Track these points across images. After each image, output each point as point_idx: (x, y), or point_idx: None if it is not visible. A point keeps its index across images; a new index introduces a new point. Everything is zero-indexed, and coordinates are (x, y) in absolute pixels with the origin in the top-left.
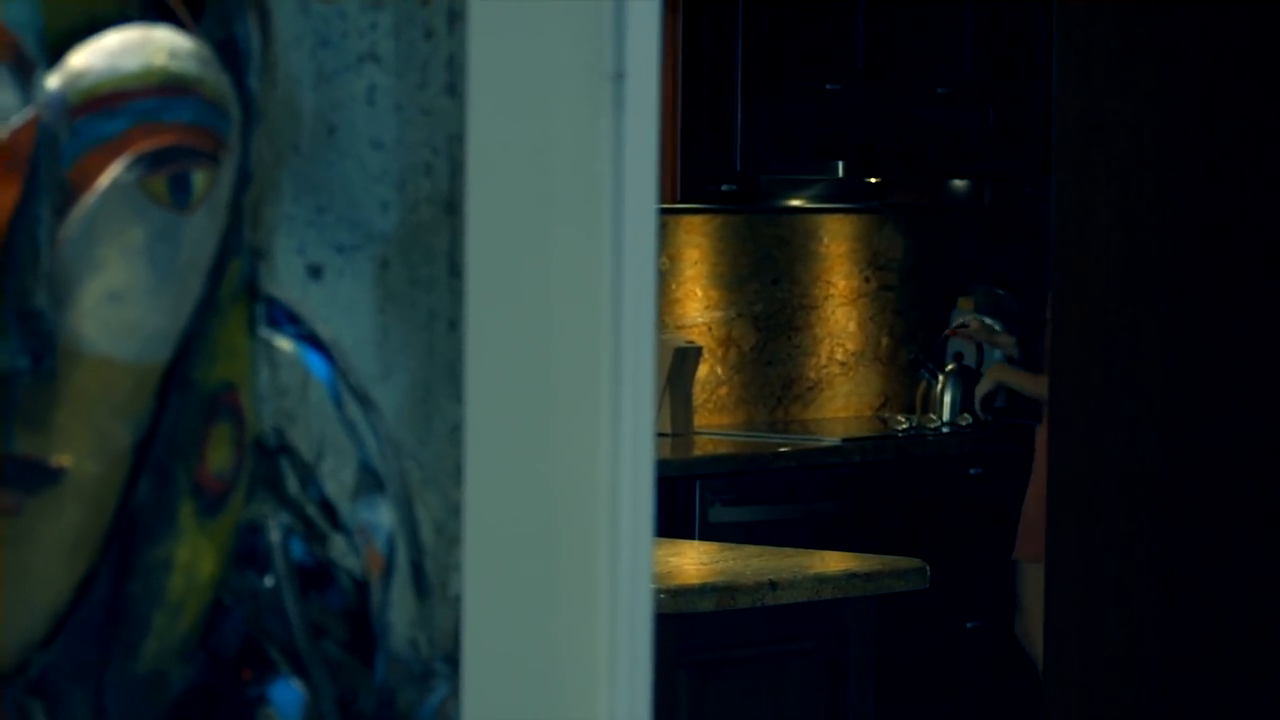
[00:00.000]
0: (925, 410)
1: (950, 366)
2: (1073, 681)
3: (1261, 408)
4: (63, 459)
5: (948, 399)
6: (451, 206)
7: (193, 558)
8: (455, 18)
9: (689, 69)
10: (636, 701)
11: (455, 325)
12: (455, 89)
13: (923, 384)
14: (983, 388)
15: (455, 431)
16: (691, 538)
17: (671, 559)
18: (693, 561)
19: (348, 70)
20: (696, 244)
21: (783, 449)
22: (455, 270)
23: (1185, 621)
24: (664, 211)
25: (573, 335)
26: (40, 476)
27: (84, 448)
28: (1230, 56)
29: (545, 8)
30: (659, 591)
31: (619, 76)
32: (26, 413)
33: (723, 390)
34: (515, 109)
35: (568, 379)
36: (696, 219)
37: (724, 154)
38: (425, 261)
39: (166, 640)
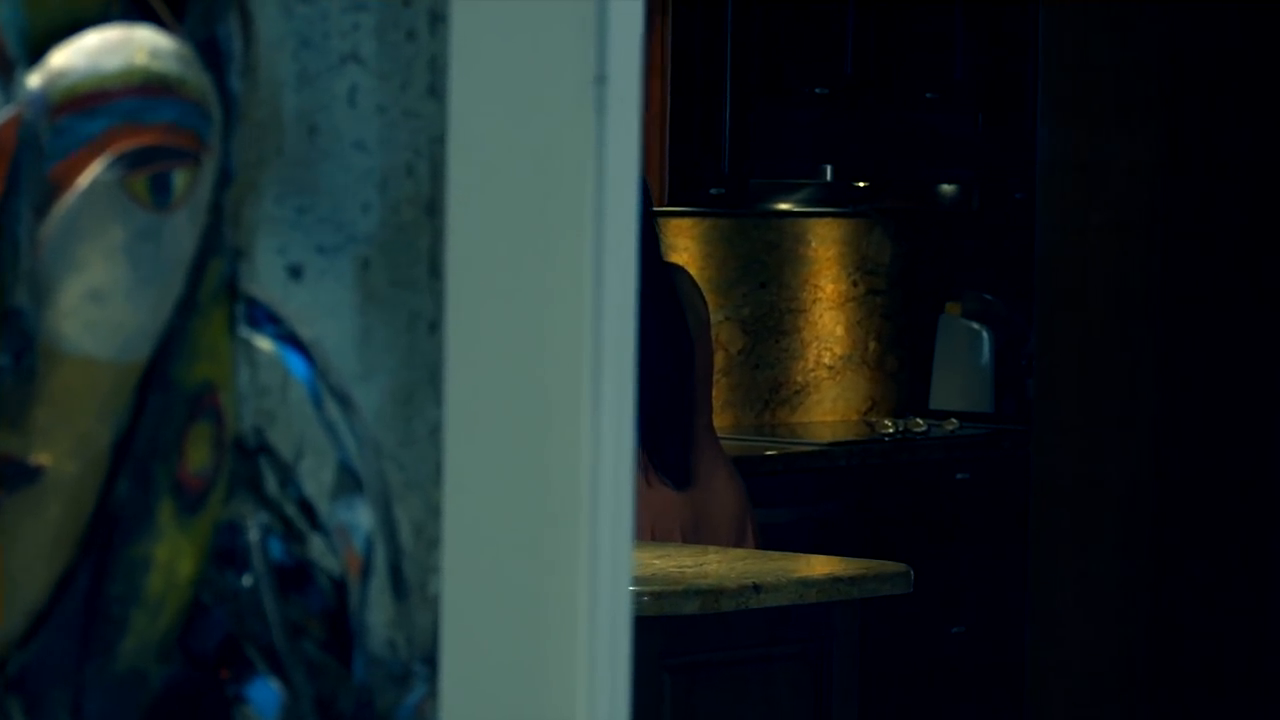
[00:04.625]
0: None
1: None
2: (1054, 695)
3: (1253, 425)
4: (42, 457)
5: None
6: (433, 208)
7: (172, 557)
8: (437, 19)
9: (678, 72)
10: (616, 703)
11: (436, 327)
12: (437, 91)
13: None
14: None
15: (435, 433)
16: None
17: (656, 561)
18: (677, 564)
19: (330, 71)
20: (685, 247)
21: (769, 452)
22: (436, 272)
23: (1168, 639)
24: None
25: (553, 338)
26: (19, 475)
27: (63, 446)
28: (1219, 69)
29: (527, 11)
30: (643, 594)
31: (601, 80)
32: (5, 411)
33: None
34: (497, 111)
35: (548, 381)
36: (685, 222)
37: (712, 157)
38: (407, 263)
39: (145, 639)
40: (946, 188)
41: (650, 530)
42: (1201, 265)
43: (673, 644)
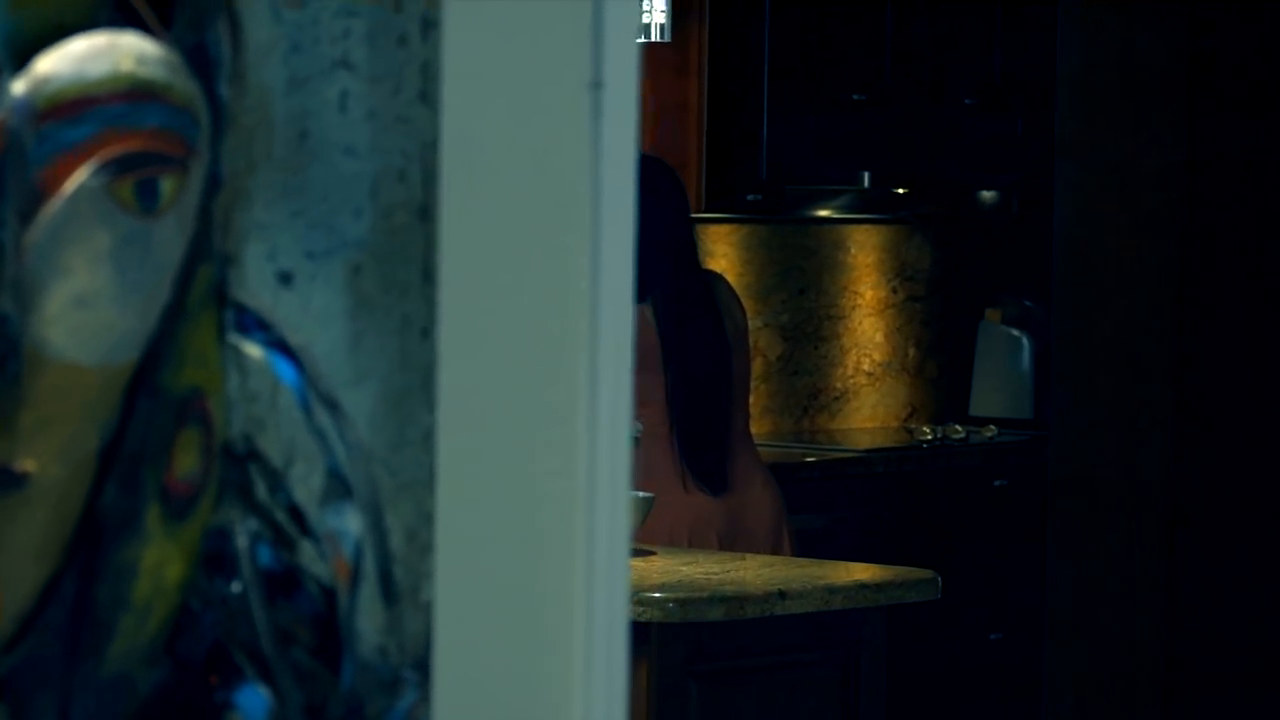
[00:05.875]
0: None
1: None
2: (1071, 697)
3: (1272, 425)
4: (28, 463)
5: None
6: (425, 213)
7: (160, 562)
8: (429, 25)
9: (715, 77)
10: (613, 710)
11: (428, 332)
12: (429, 96)
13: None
14: None
15: (428, 438)
16: None
17: (683, 568)
18: (704, 571)
19: (320, 77)
20: (723, 254)
21: (808, 459)
22: (429, 277)
23: (1185, 640)
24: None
25: (548, 344)
26: (5, 480)
27: (49, 452)
28: (1239, 68)
29: (521, 16)
30: (669, 601)
31: (597, 85)
32: None
33: (749, 400)
34: (491, 117)
35: (543, 386)
36: (722, 229)
37: (750, 164)
38: (398, 268)
39: (132, 644)
40: (986, 193)
41: (687, 537)
42: (1220, 265)
43: (699, 651)
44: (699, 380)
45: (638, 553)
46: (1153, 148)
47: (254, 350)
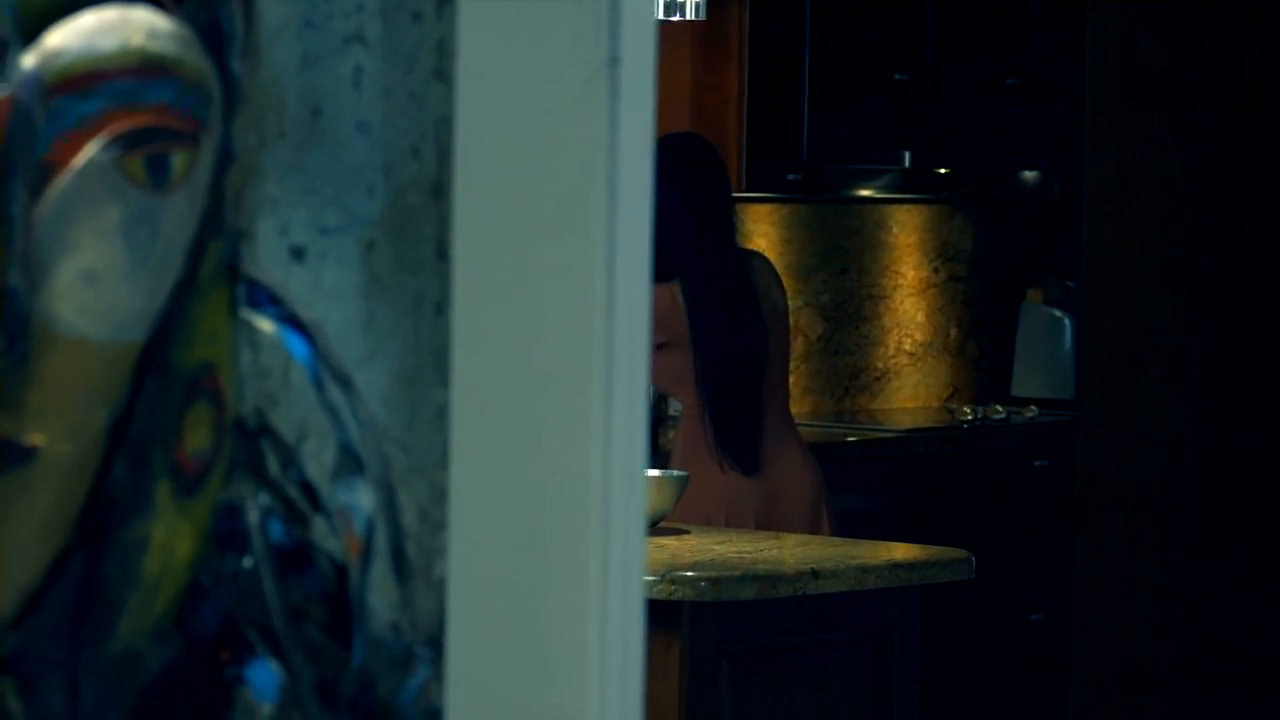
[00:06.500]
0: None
1: None
2: (1096, 692)
3: (1269, 419)
4: (36, 438)
5: None
6: (439, 190)
7: (169, 538)
8: (444, 1)
9: (756, 57)
10: (628, 689)
11: (442, 309)
12: (444, 73)
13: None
14: None
15: (441, 416)
16: None
17: (716, 547)
18: (737, 549)
19: (334, 53)
20: (764, 233)
21: (849, 439)
22: (442, 254)
23: (1210, 637)
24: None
25: (563, 321)
26: (13, 456)
27: (58, 428)
28: (1263, 57)
29: None
30: (701, 579)
31: (614, 62)
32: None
33: (789, 379)
34: (506, 94)
35: (558, 365)
36: (763, 208)
37: (790, 144)
38: (412, 245)
39: (141, 620)
40: (1028, 174)
41: (723, 516)
42: (1223, 264)
43: (731, 630)
44: (728, 361)
45: (672, 531)
46: (1159, 146)
47: (266, 325)
